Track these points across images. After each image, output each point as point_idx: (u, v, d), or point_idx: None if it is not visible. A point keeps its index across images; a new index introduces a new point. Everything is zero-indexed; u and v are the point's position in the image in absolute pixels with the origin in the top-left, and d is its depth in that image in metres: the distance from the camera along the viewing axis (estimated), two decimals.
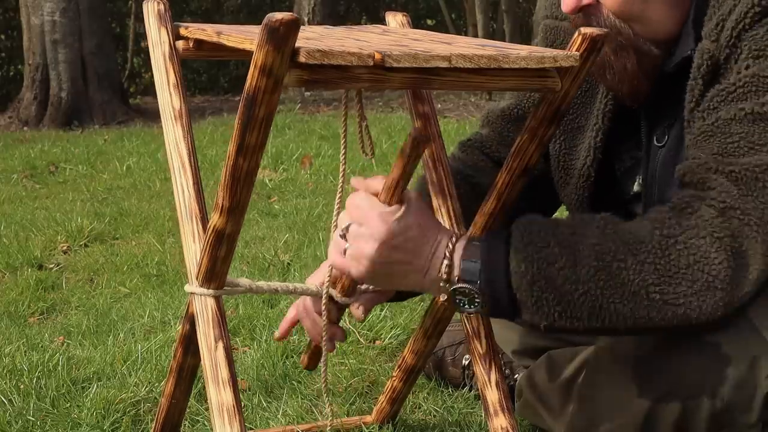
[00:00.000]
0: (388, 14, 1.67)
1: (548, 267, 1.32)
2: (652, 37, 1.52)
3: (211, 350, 1.31)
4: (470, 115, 7.82)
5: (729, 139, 1.37)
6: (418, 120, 1.56)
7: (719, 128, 1.39)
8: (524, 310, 1.35)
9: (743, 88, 1.39)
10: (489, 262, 1.35)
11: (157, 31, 1.48)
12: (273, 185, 4.81)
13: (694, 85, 1.45)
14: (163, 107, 1.45)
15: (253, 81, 1.14)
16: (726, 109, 1.39)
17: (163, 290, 2.91)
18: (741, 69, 1.40)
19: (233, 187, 1.25)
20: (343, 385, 2.05)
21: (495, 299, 1.36)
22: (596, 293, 1.32)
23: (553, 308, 1.33)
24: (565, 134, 1.72)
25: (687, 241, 1.32)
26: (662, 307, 1.32)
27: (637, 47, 1.51)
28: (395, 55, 1.16)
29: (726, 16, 1.42)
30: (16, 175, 5.50)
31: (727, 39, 1.41)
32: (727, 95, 1.40)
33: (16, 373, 2.14)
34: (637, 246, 1.32)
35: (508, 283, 1.34)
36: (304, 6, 9.94)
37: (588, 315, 1.33)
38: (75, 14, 8.62)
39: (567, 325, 1.35)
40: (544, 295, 1.33)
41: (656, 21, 1.51)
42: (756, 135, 1.36)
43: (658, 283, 1.31)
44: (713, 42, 1.43)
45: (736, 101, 1.39)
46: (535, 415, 1.73)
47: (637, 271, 1.31)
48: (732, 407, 1.43)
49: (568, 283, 1.32)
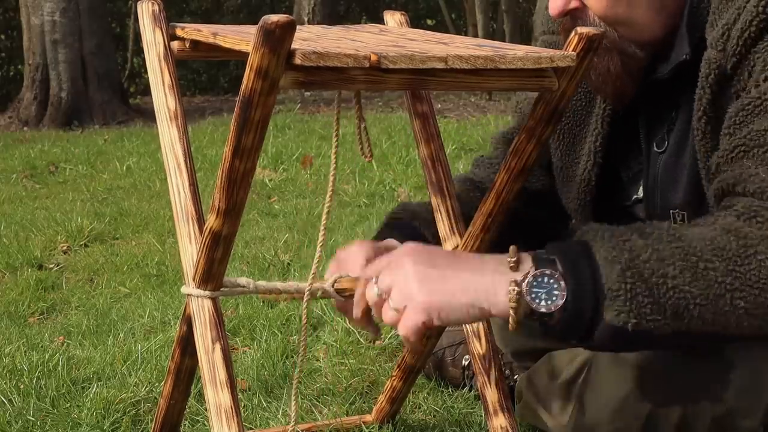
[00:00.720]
0: (387, 13, 1.67)
1: (636, 258, 1.25)
2: (636, 40, 1.52)
3: (209, 352, 1.31)
4: (470, 115, 7.83)
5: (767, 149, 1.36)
6: (417, 119, 1.56)
7: (754, 140, 1.37)
8: (611, 305, 1.24)
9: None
10: (569, 254, 1.27)
11: (152, 31, 1.48)
12: (273, 185, 4.81)
13: (702, 94, 1.45)
14: (158, 108, 1.45)
15: (249, 83, 1.14)
16: (758, 122, 1.37)
17: (163, 290, 2.91)
18: (760, 81, 1.38)
19: (230, 188, 1.24)
20: (343, 385, 2.05)
21: (579, 289, 1.25)
22: (684, 290, 1.25)
23: (644, 300, 1.25)
24: (567, 140, 1.72)
25: (766, 251, 1.28)
26: (742, 316, 1.27)
27: (622, 50, 1.52)
28: (391, 57, 1.16)
29: (731, 25, 1.41)
30: (16, 175, 5.51)
31: (733, 48, 1.41)
32: (754, 108, 1.38)
33: (16, 373, 2.14)
34: (719, 252, 1.28)
35: (592, 275, 1.25)
36: (304, 6, 9.94)
37: (672, 314, 1.26)
38: (75, 14, 8.63)
39: (653, 325, 1.26)
40: (637, 283, 1.24)
41: (641, 24, 1.51)
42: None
43: (741, 290, 1.27)
44: (720, 51, 1.42)
45: (765, 113, 1.37)
46: (534, 417, 1.73)
47: (724, 274, 1.27)
48: (734, 412, 1.43)
49: (655, 276, 1.25)
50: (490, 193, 1.46)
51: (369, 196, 4.40)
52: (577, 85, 1.34)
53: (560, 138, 1.72)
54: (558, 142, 1.73)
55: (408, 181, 4.60)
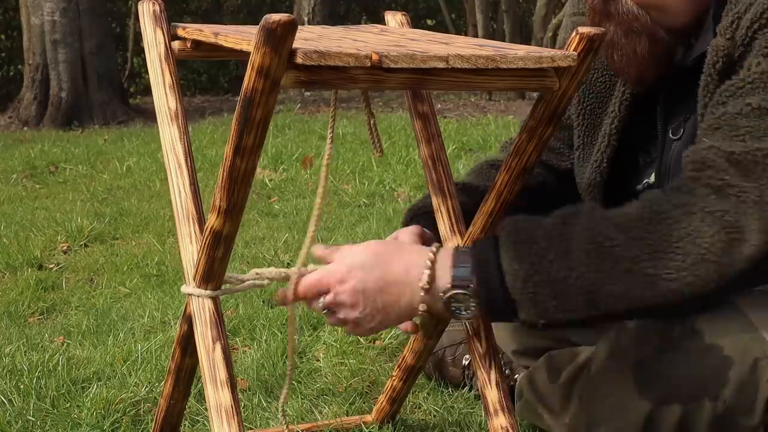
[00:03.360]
0: (388, 14, 1.67)
1: (540, 261, 1.32)
2: (667, 26, 1.54)
3: (209, 351, 1.31)
4: (470, 115, 7.82)
5: (734, 132, 1.38)
6: (417, 119, 1.56)
7: (726, 121, 1.39)
8: (521, 309, 1.35)
9: (752, 84, 1.39)
10: (480, 265, 1.36)
11: (153, 31, 1.48)
12: (273, 185, 4.81)
13: (708, 81, 1.46)
14: (159, 108, 1.45)
15: (250, 82, 1.14)
16: (733, 104, 1.40)
17: (163, 290, 2.91)
18: (752, 65, 1.41)
19: (230, 188, 1.24)
20: (343, 385, 2.05)
21: (491, 301, 1.36)
22: (590, 276, 1.31)
23: (550, 302, 1.32)
24: (587, 121, 1.75)
25: (678, 216, 1.31)
26: (656, 283, 1.30)
27: (652, 34, 1.54)
28: (393, 56, 1.16)
29: (741, 14, 1.43)
30: (16, 175, 5.51)
31: (742, 37, 1.42)
32: (736, 90, 1.41)
33: (16, 373, 2.14)
34: (627, 224, 1.32)
35: (502, 284, 1.34)
36: (304, 6, 9.94)
37: (585, 303, 1.32)
38: (75, 14, 8.63)
39: (565, 318, 1.34)
40: (540, 290, 1.32)
41: (674, 10, 1.53)
42: (762, 129, 1.36)
43: (650, 258, 1.30)
44: (728, 39, 1.44)
45: (744, 96, 1.39)
46: (535, 416, 1.73)
47: (629, 247, 1.30)
48: (734, 410, 1.43)
49: (562, 271, 1.31)
50: (490, 193, 1.46)
51: (369, 196, 4.40)
52: (578, 86, 1.34)
53: (582, 119, 1.75)
54: (580, 122, 1.76)
55: (408, 181, 4.60)
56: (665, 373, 1.45)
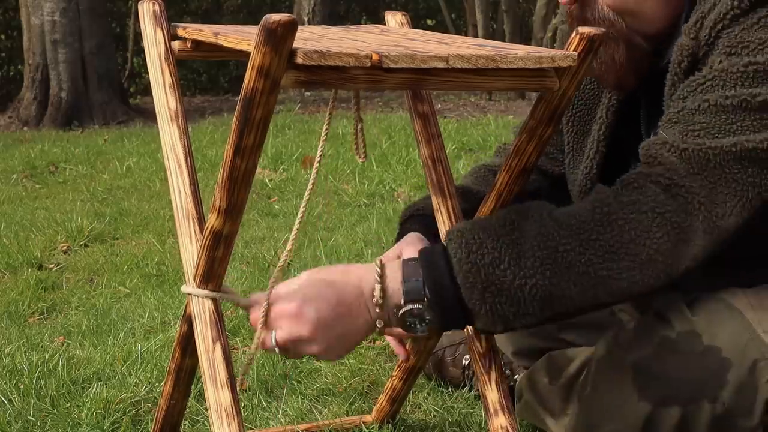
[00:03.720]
0: (388, 14, 1.67)
1: (494, 270, 1.31)
2: (643, 32, 1.54)
3: (209, 351, 1.31)
4: (470, 115, 7.82)
5: (690, 127, 1.39)
6: (417, 120, 1.56)
7: (683, 117, 1.41)
8: (478, 320, 1.34)
9: (712, 81, 1.41)
10: (433, 277, 1.34)
11: (153, 31, 1.48)
12: (273, 185, 4.81)
13: (675, 80, 1.48)
14: (159, 108, 1.45)
15: (251, 82, 1.14)
16: (692, 99, 1.42)
17: (163, 290, 2.91)
18: (714, 63, 1.42)
19: (230, 188, 1.24)
20: (343, 385, 2.05)
21: (446, 314, 1.34)
22: (545, 283, 1.31)
23: (507, 311, 1.32)
24: (577, 128, 1.75)
25: (627, 217, 1.33)
26: (608, 284, 1.33)
27: (628, 40, 1.54)
28: (393, 56, 1.16)
29: (706, 14, 1.45)
30: (16, 175, 5.51)
31: (706, 37, 1.44)
32: (697, 86, 1.42)
33: (16, 373, 2.14)
34: (578, 227, 1.33)
35: (457, 297, 1.33)
36: (304, 6, 9.94)
37: (540, 307, 1.33)
38: (75, 14, 8.62)
39: (521, 324, 1.35)
40: (497, 299, 1.32)
41: (649, 16, 1.53)
42: (717, 126, 1.38)
43: (602, 261, 1.32)
44: (692, 39, 1.46)
45: (703, 92, 1.41)
46: (535, 417, 1.73)
47: (581, 251, 1.32)
48: (733, 411, 1.43)
49: (517, 279, 1.31)
50: (490, 194, 1.46)
51: (369, 196, 4.39)
52: (578, 86, 1.34)
53: (571, 125, 1.76)
54: (570, 129, 1.76)
55: (408, 181, 4.60)
56: (664, 375, 1.45)
